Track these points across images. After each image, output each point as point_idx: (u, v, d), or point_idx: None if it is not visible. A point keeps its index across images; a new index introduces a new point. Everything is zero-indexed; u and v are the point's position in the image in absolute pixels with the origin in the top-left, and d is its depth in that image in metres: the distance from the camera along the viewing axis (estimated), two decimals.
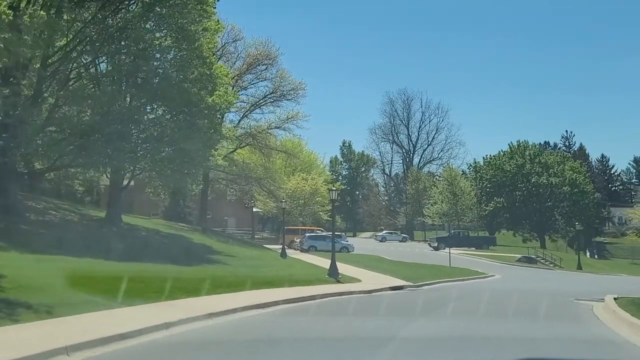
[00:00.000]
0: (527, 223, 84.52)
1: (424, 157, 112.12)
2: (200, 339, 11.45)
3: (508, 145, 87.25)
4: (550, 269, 52.40)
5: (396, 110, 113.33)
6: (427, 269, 38.04)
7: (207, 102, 31.26)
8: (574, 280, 40.03)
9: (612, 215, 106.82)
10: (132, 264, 23.09)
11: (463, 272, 37.59)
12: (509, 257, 55.21)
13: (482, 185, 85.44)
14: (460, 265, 43.88)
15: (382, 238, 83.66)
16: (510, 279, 36.30)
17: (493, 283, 32.54)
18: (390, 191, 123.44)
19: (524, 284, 31.81)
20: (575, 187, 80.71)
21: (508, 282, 33.50)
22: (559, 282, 37.09)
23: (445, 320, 14.82)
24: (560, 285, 32.31)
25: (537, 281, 35.06)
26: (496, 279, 35.69)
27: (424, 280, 29.50)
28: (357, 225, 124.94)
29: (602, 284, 34.11)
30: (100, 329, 10.48)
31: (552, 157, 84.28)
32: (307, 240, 55.30)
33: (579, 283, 36.29)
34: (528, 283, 32.28)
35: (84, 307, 12.81)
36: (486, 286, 29.21)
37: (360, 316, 15.57)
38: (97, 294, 14.28)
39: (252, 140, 62.55)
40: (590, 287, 31.23)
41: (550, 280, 38.04)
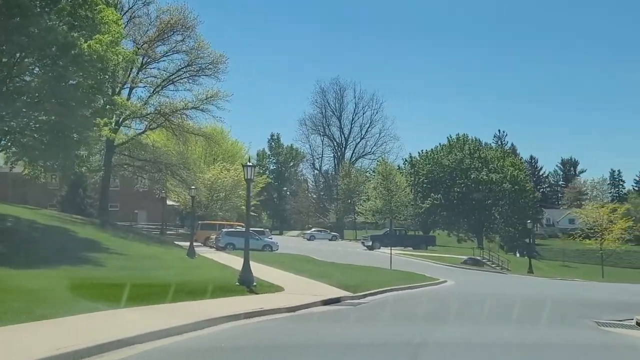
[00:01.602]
0: (465, 222, 79.56)
1: (357, 152, 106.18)
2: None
3: (447, 138, 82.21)
4: (499, 272, 46.75)
5: (328, 101, 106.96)
6: (366, 272, 31.16)
7: (81, 47, 23.15)
8: (541, 287, 34.08)
9: (541, 217, 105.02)
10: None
11: (409, 276, 30.91)
12: (452, 259, 49.26)
13: (419, 181, 79.90)
14: (401, 268, 37.30)
15: (310, 236, 77.23)
16: (468, 285, 29.96)
17: (453, 291, 25.86)
18: (321, 187, 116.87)
19: (491, 290, 25.50)
20: (515, 184, 76.15)
21: (469, 288, 27.08)
22: (526, 288, 31.03)
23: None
24: (535, 292, 26.12)
25: (501, 287, 28.80)
26: (451, 286, 29.14)
27: (366, 289, 22.49)
28: (285, 223, 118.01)
29: (578, 293, 28.32)
30: None
31: (492, 153, 79.57)
32: (223, 236, 47.49)
33: (551, 290, 30.33)
34: (495, 290, 25.98)
35: None
36: (450, 296, 22.49)
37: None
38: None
39: (165, 121, 54.30)
40: (567, 297, 25.20)
41: (514, 286, 31.75)
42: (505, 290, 27.13)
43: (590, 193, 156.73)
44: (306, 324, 13.72)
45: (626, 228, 65.94)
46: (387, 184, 77.11)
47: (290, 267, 30.87)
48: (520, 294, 24.36)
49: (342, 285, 22.90)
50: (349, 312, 16.93)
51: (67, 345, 8.41)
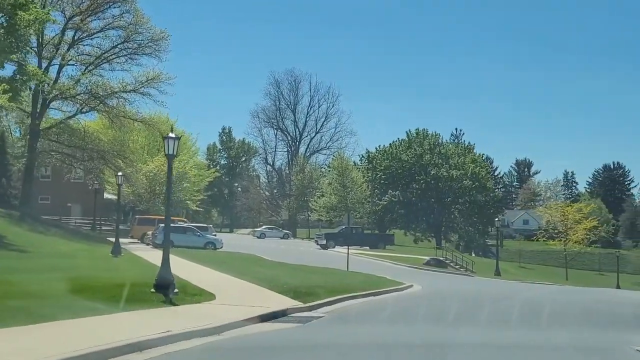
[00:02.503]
0: (424, 220, 75.97)
1: (312, 146, 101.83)
2: None
3: (406, 133, 78.41)
4: (464, 274, 42.99)
5: (282, 93, 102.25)
6: (320, 275, 26.71)
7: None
8: (531, 292, 30.18)
9: (503, 216, 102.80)
10: None
11: (370, 280, 26.59)
12: (413, 259, 45.27)
13: (376, 177, 75.94)
14: (358, 269, 33.00)
15: (261, 234, 72.48)
16: (440, 291, 25.79)
17: (425, 299, 21.43)
18: (274, 184, 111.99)
19: (473, 297, 21.40)
20: (476, 181, 72.91)
21: (443, 296, 22.84)
22: (515, 294, 27.08)
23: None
24: (536, 300, 22.09)
25: (483, 294, 24.69)
26: (420, 292, 24.92)
27: (319, 297, 17.99)
28: (236, 220, 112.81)
29: (568, 298, 24.48)
30: None
31: (453, 149, 76.16)
32: (160, 232, 42.24)
33: (548, 297, 26.39)
34: (477, 297, 21.86)
35: None
36: (425, 308, 18.13)
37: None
38: None
39: (99, 104, 48.85)
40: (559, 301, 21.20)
41: (499, 293, 27.67)
42: (492, 297, 22.94)
43: (544, 194, 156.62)
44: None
45: (591, 228, 63.18)
46: (343, 179, 73.08)
47: (232, 269, 26.19)
48: (526, 305, 20.20)
49: (291, 292, 18.41)
50: (293, 334, 12.41)
51: None
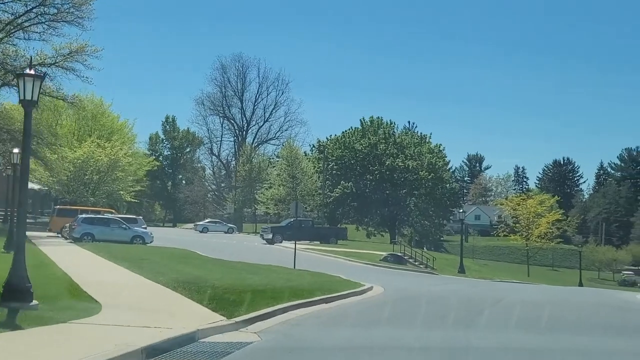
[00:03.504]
0: (378, 213, 71.57)
1: (260, 136, 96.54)
2: None
3: (360, 121, 73.81)
4: (427, 272, 38.57)
5: (229, 79, 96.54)
6: (260, 275, 21.71)
7: None
8: (510, 292, 25.79)
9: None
10: None
11: (321, 280, 21.71)
12: (369, 255, 40.58)
13: (328, 167, 71.19)
14: (308, 267, 28.18)
15: (203, 228, 67.03)
16: (409, 295, 21.07)
17: (393, 306, 16.29)
18: (222, 178, 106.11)
19: (456, 302, 16.73)
20: (433, 172, 68.87)
21: (417, 301, 18.05)
22: (493, 294, 22.59)
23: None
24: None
25: (462, 298, 20.02)
26: (384, 296, 20.07)
27: (252, 307, 12.92)
28: (180, 214, 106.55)
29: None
30: None
31: (409, 138, 71.98)
32: (80, 224, 36.41)
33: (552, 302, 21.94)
34: (461, 301, 17.14)
35: None
36: (400, 321, 13.34)
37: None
38: None
39: (13, 79, 42.30)
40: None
41: (484, 297, 23.12)
42: (480, 301, 18.28)
43: (495, 189, 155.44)
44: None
45: (554, 222, 59.78)
46: (292, 170, 68.15)
47: (150, 268, 20.91)
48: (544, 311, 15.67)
49: (215, 301, 13.34)
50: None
51: None
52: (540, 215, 60.26)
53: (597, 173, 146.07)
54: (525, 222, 60.59)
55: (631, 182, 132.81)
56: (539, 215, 60.20)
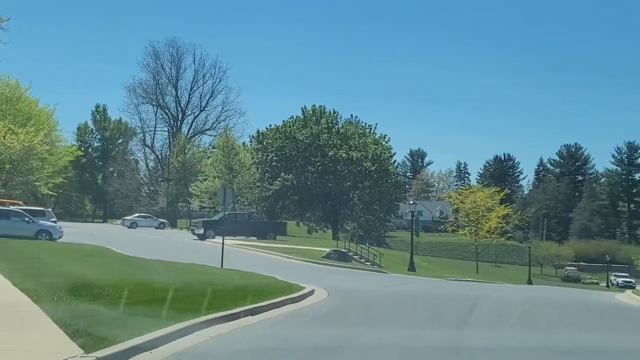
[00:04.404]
0: (320, 208, 67.82)
1: (196, 126, 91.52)
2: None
3: (301, 109, 69.82)
4: (373, 270, 34.91)
5: (162, 66, 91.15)
6: (175, 276, 17.47)
7: None
8: (486, 293, 22.25)
9: (412, 203, 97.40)
10: None
11: (251, 283, 17.58)
12: (310, 252, 36.62)
13: (267, 158, 66.99)
14: (240, 265, 24.10)
15: (132, 223, 62.16)
16: (361, 301, 17.18)
17: (355, 323, 12.36)
18: (158, 171, 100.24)
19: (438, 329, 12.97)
20: (378, 163, 65.54)
21: (370, 309, 14.16)
22: (462, 294, 18.94)
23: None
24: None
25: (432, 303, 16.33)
26: (330, 303, 16.05)
27: (138, 330, 8.78)
28: (110, 209, 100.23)
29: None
30: None
31: (353, 128, 68.47)
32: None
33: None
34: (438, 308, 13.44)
35: None
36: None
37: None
38: None
39: None
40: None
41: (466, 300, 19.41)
42: (458, 306, 14.46)
43: (437, 185, 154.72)
44: None
45: (504, 216, 57.33)
46: (229, 161, 63.66)
47: (33, 270, 16.34)
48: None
49: (84, 319, 9.09)
50: None
51: None
52: (490, 209, 57.84)
53: (536, 169, 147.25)
54: (475, 216, 58.04)
55: (570, 178, 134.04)
56: (489, 210, 57.77)
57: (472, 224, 58.39)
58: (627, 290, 28.41)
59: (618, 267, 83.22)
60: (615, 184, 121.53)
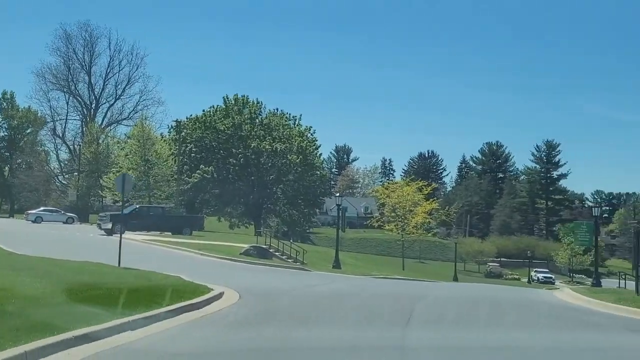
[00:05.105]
0: (242, 202, 64.76)
1: (111, 116, 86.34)
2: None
3: (223, 99, 66.43)
4: (296, 267, 32.39)
5: (75, 51, 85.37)
6: (56, 277, 14.38)
7: None
8: (426, 291, 19.98)
9: (340, 196, 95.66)
10: None
11: (145, 285, 14.65)
12: (228, 248, 33.76)
13: (186, 150, 63.37)
14: (144, 264, 21.05)
15: (36, 217, 57.37)
16: (278, 305, 14.54)
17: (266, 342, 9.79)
18: (65, 161, 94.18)
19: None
20: (303, 156, 63.16)
21: (287, 319, 11.57)
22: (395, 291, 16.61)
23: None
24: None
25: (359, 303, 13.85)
26: (237, 308, 13.33)
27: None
28: (19, 202, 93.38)
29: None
30: None
31: (277, 119, 65.76)
32: None
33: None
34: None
35: None
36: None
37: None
38: None
39: None
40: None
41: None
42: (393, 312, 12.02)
43: (362, 181, 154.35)
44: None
45: (430, 212, 56.17)
46: (145, 152, 59.65)
47: None
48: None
49: None
50: None
51: None
52: (417, 204, 56.63)
53: (459, 166, 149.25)
54: (402, 210, 56.69)
55: (491, 175, 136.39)
56: (415, 204, 56.55)
57: (399, 219, 57.07)
58: (566, 288, 27.18)
59: (538, 262, 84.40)
60: (534, 182, 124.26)
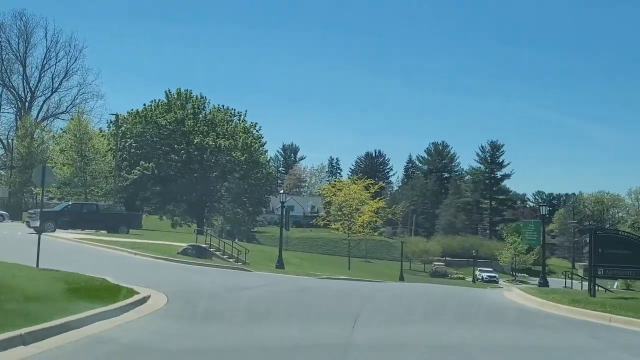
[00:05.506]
0: (184, 200, 62.60)
1: (47, 109, 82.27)
2: None
3: (165, 93, 64.02)
4: (237, 267, 30.77)
5: (8, 41, 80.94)
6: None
7: None
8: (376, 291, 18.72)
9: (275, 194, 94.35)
10: None
11: (61, 288, 12.98)
12: (165, 248, 31.94)
13: (126, 145, 60.82)
14: (68, 265, 19.16)
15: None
16: (207, 307, 13.09)
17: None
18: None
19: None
20: (248, 153, 61.44)
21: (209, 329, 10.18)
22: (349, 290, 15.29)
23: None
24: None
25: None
26: (163, 313, 11.92)
27: None
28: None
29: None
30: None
31: (222, 115, 63.76)
32: None
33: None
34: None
35: None
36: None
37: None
38: None
39: None
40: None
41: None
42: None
43: (309, 180, 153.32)
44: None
45: (376, 210, 55.34)
46: (81, 147, 56.88)
47: None
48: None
49: None
50: None
51: None
52: (364, 202, 55.70)
53: (406, 166, 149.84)
54: (349, 209, 55.64)
55: (437, 175, 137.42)
56: (362, 203, 55.60)
57: (345, 217, 56.03)
58: (515, 289, 26.52)
59: (482, 262, 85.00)
60: (479, 182, 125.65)
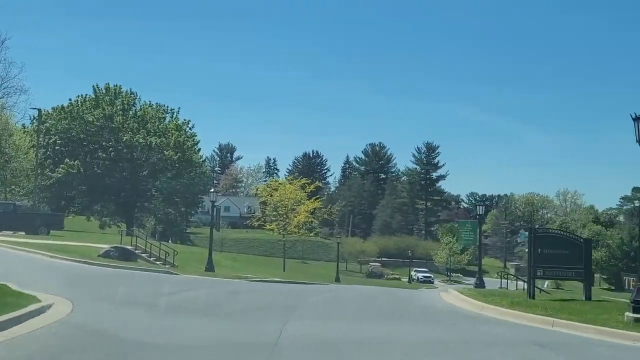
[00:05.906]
0: (112, 200, 59.88)
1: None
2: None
3: (92, 87, 61.04)
4: (163, 270, 29.01)
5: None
6: None
7: None
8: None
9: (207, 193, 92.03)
10: None
11: None
12: (86, 250, 29.90)
13: (50, 142, 57.69)
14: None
15: None
16: (112, 317, 11.67)
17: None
18: None
19: None
20: (181, 152, 59.33)
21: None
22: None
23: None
24: None
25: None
26: (61, 326, 10.42)
27: None
28: None
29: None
30: None
31: (153, 111, 61.42)
32: None
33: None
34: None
35: None
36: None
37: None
38: None
39: None
40: None
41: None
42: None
43: (246, 180, 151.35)
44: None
45: (313, 210, 54.36)
46: (1, 144, 53.60)
47: None
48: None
49: None
50: None
51: None
52: (300, 202, 54.63)
53: (343, 166, 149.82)
54: (284, 209, 54.45)
55: (374, 176, 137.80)
56: (298, 203, 54.52)
57: (281, 218, 54.85)
58: (452, 290, 25.87)
59: (418, 262, 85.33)
60: (415, 183, 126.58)
